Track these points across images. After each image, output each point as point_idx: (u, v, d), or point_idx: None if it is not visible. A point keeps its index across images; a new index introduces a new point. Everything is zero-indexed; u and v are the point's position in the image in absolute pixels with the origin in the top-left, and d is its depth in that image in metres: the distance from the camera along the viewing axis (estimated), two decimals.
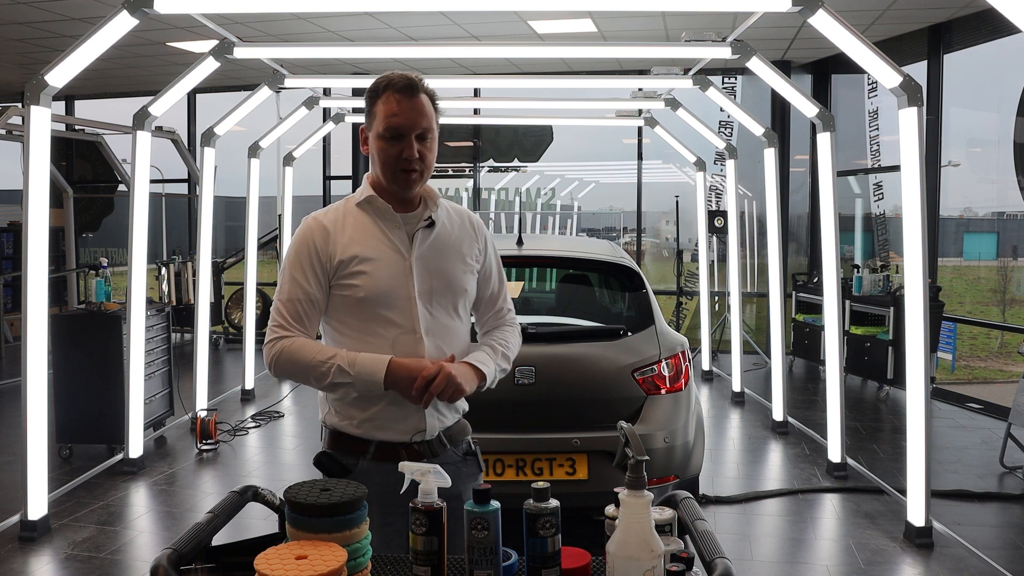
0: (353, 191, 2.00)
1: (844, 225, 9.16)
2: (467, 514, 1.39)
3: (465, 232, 1.95)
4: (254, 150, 6.84)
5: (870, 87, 8.08)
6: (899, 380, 6.32)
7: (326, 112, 8.58)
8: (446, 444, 1.89)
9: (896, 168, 7.20)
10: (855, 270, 7.22)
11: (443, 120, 1.96)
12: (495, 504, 1.39)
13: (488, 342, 1.97)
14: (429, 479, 1.40)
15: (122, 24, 3.76)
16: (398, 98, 1.81)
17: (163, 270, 8.47)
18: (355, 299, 1.83)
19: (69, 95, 10.82)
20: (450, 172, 9.72)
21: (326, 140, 9.73)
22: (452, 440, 1.91)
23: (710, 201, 8.59)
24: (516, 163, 10.38)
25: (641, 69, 8.47)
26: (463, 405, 1.96)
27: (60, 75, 3.73)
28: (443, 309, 1.89)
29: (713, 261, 8.27)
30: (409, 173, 1.82)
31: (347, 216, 1.88)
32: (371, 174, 1.91)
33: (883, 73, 3.72)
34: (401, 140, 1.80)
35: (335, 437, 1.92)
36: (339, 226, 1.86)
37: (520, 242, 3.98)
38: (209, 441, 5.28)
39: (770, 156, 5.85)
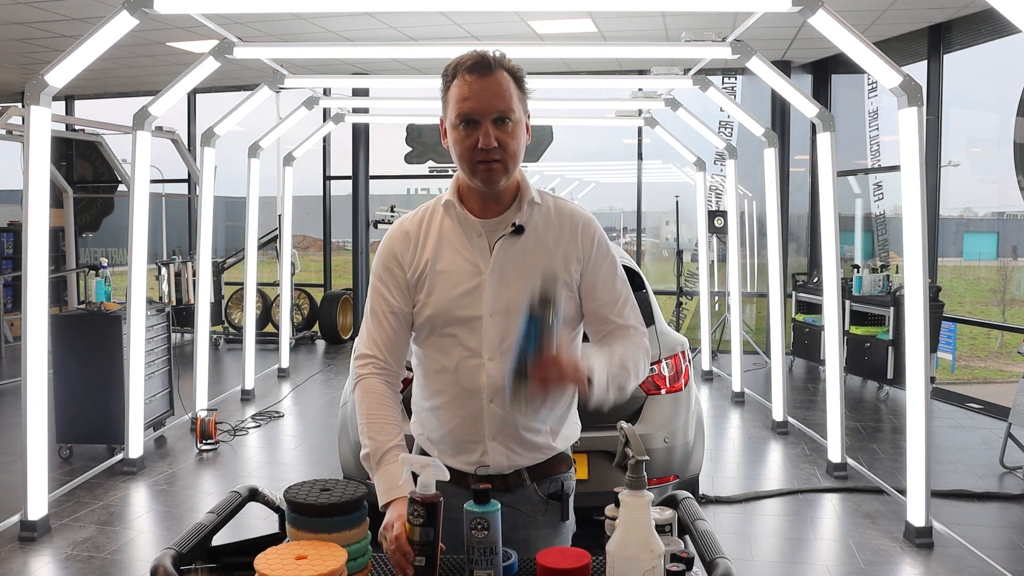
0: (353, 191, 1.91)
1: (844, 225, 9.16)
2: (467, 514, 1.39)
3: (561, 237, 1.66)
4: (254, 150, 6.84)
5: (870, 87, 8.08)
6: (899, 380, 6.32)
7: (326, 112, 8.58)
8: (526, 481, 1.68)
9: (896, 168, 7.20)
10: (855, 270, 7.22)
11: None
12: (495, 504, 1.39)
13: (607, 348, 1.66)
14: (428, 472, 1.40)
15: (122, 24, 3.76)
16: (470, 79, 1.55)
17: (163, 270, 8.47)
18: (424, 316, 1.66)
19: (69, 95, 10.82)
20: (450, 172, 9.71)
21: (326, 140, 9.73)
22: (538, 477, 1.70)
23: (710, 201, 8.59)
24: None
25: (641, 69, 8.47)
26: (555, 444, 1.72)
27: (60, 75, 3.73)
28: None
29: (713, 261, 8.27)
30: (489, 164, 1.56)
31: (432, 220, 1.69)
32: (458, 172, 1.68)
33: (883, 73, 3.72)
34: (476, 127, 1.55)
35: (419, 451, 1.79)
36: (422, 232, 1.68)
37: None
38: (209, 441, 5.28)
39: (770, 156, 5.85)
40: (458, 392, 1.66)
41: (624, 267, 1.76)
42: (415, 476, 1.44)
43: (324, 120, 8.29)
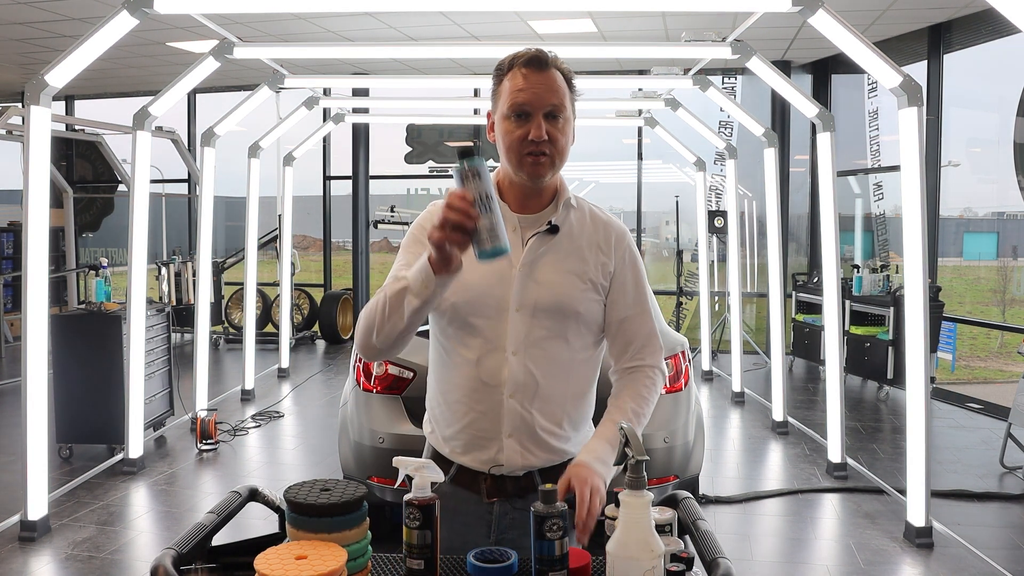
0: (353, 191, 1.89)
1: (844, 225, 9.16)
2: (457, 173, 1.37)
3: (594, 243, 1.68)
4: (254, 150, 6.84)
5: (870, 87, 8.08)
6: (899, 380, 6.32)
7: (326, 112, 8.58)
8: (538, 483, 1.66)
9: (896, 168, 7.20)
10: (855, 270, 7.22)
11: (443, 120, 1.78)
12: (480, 159, 1.38)
13: (613, 412, 1.66)
14: (423, 474, 1.40)
15: (122, 24, 3.76)
16: (525, 72, 1.58)
17: (163, 270, 8.47)
18: (448, 303, 1.63)
19: (69, 95, 10.83)
20: (450, 172, 9.67)
21: (326, 140, 9.73)
22: (550, 480, 1.64)
23: (710, 201, 8.59)
24: None
25: (641, 69, 8.47)
26: (569, 448, 1.70)
27: (60, 75, 3.73)
28: (548, 330, 1.63)
29: (713, 261, 8.27)
30: (537, 157, 1.58)
31: None
32: (500, 174, 1.69)
33: (883, 73, 3.72)
34: (527, 119, 1.57)
35: (430, 451, 1.76)
36: None
37: None
38: (209, 441, 5.28)
39: (770, 156, 5.85)
40: (477, 386, 1.64)
41: None
42: (409, 479, 1.44)
43: (324, 120, 8.29)
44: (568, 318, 1.64)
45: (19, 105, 6.35)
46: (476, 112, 8.86)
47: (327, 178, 10.11)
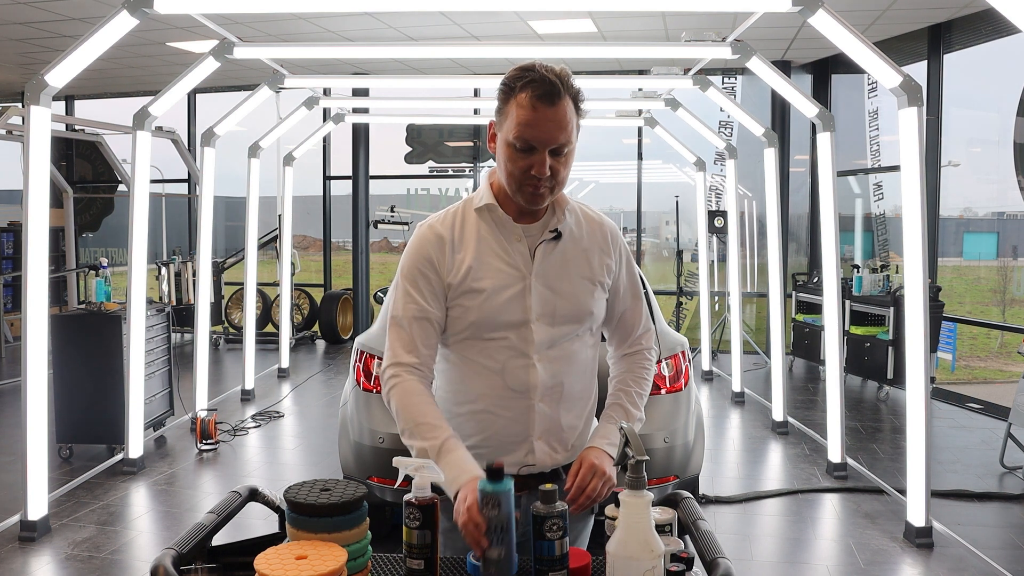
0: (353, 191, 1.89)
1: (844, 225, 9.16)
2: (480, 493, 1.40)
3: (595, 243, 1.72)
4: (254, 150, 6.84)
5: (870, 87, 8.08)
6: (899, 380, 6.32)
7: (326, 112, 8.58)
8: (561, 475, 1.71)
9: (896, 168, 7.20)
10: (855, 270, 7.22)
11: (443, 120, 1.80)
12: (508, 483, 1.40)
13: (619, 396, 1.76)
14: (423, 474, 1.40)
15: (122, 24, 3.76)
16: (534, 104, 1.53)
17: (163, 270, 8.47)
18: (467, 321, 1.65)
19: (69, 95, 10.83)
20: (450, 172, 9.71)
21: (326, 140, 9.73)
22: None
23: (710, 201, 8.59)
24: None
25: (641, 69, 8.47)
26: (587, 443, 1.73)
27: (60, 75, 3.73)
28: (565, 333, 1.68)
29: (713, 261, 8.27)
30: (537, 189, 1.58)
31: (465, 224, 1.68)
32: (495, 176, 1.68)
33: (883, 73, 3.72)
34: (532, 153, 1.55)
35: None
36: (456, 236, 1.67)
37: None
38: (209, 441, 5.28)
39: (770, 156, 5.85)
40: (504, 393, 1.66)
41: None
42: (409, 479, 1.44)
43: (324, 120, 8.29)
44: (583, 320, 1.70)
45: (19, 105, 6.35)
46: (476, 112, 8.86)
47: (327, 178, 10.11)
